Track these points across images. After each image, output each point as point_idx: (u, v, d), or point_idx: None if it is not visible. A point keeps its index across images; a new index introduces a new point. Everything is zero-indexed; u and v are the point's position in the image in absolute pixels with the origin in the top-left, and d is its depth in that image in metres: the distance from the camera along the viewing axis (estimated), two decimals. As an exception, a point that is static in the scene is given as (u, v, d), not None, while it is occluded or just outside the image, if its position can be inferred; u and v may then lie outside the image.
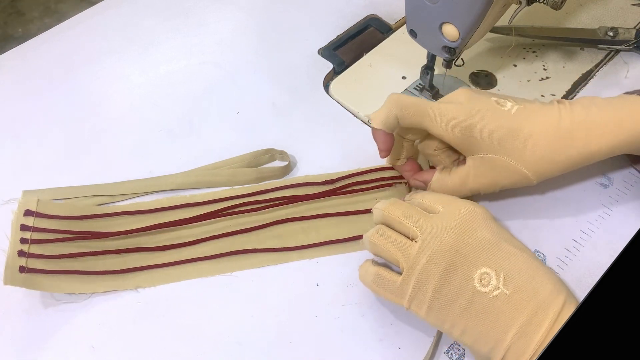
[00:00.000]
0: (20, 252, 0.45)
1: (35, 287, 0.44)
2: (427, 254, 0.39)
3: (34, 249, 0.45)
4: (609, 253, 0.46)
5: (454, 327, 0.39)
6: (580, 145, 0.43)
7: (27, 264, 0.44)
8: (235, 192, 0.51)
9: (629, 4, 0.63)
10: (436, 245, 0.39)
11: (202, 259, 0.47)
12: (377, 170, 0.51)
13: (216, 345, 0.43)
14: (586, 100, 0.45)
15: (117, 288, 0.46)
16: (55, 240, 0.46)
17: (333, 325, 0.44)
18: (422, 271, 0.39)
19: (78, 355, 0.43)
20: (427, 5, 0.46)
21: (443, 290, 0.39)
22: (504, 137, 0.43)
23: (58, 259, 0.46)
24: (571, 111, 0.44)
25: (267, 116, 0.56)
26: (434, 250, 0.39)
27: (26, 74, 0.60)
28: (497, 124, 0.43)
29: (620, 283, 0.33)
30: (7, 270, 0.44)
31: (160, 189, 0.51)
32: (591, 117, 0.43)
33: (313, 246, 0.48)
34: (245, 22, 0.64)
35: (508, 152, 0.44)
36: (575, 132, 0.43)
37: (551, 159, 0.44)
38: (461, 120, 0.43)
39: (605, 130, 0.43)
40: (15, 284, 0.43)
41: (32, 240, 0.46)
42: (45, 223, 0.47)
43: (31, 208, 0.48)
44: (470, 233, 0.40)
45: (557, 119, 0.44)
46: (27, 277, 0.44)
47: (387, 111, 0.45)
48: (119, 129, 0.56)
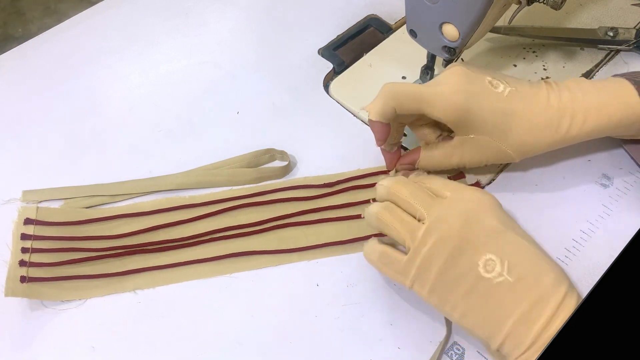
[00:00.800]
0: (22, 261, 0.45)
1: (35, 297, 0.44)
2: (434, 237, 0.39)
3: (35, 257, 0.46)
4: (609, 253, 0.46)
5: (454, 309, 0.39)
6: (564, 128, 0.45)
7: (27, 273, 0.45)
8: (234, 194, 0.50)
9: (629, 4, 0.63)
10: (444, 229, 0.39)
11: (201, 261, 0.47)
12: (377, 174, 0.51)
13: (216, 345, 0.43)
14: (573, 84, 0.47)
15: (117, 291, 0.46)
16: (56, 250, 0.46)
17: (333, 325, 0.44)
18: (427, 253, 0.39)
19: (78, 355, 0.43)
20: (427, 5, 0.46)
21: (447, 273, 0.39)
22: (496, 119, 0.45)
23: (58, 266, 0.46)
24: (559, 95, 0.46)
25: (267, 116, 0.56)
26: (441, 234, 0.39)
27: (26, 74, 0.60)
28: (491, 108, 0.45)
29: (620, 283, 0.33)
30: (8, 281, 0.44)
31: (160, 189, 0.51)
32: (577, 101, 0.45)
33: (313, 248, 0.48)
34: (245, 22, 0.64)
35: (494, 134, 0.45)
36: (561, 116, 0.45)
37: (534, 141, 0.46)
38: (459, 104, 0.44)
39: (589, 114, 0.45)
40: (16, 295, 0.43)
41: (33, 249, 0.46)
42: (45, 230, 0.47)
43: (31, 216, 0.48)
44: (479, 220, 0.40)
45: (545, 103, 0.45)
46: (27, 287, 0.44)
47: (384, 102, 0.45)
48: (119, 129, 0.55)
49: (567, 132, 0.45)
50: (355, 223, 0.49)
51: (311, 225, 0.49)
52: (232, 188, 0.51)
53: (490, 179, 0.51)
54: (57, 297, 0.45)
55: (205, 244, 0.48)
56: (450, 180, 0.45)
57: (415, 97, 0.45)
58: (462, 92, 0.44)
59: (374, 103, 0.46)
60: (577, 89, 0.46)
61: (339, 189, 0.51)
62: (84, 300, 0.46)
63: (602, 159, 0.52)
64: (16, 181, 0.51)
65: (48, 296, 0.45)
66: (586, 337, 0.31)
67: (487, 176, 0.51)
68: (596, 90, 0.46)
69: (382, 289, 0.46)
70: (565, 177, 0.51)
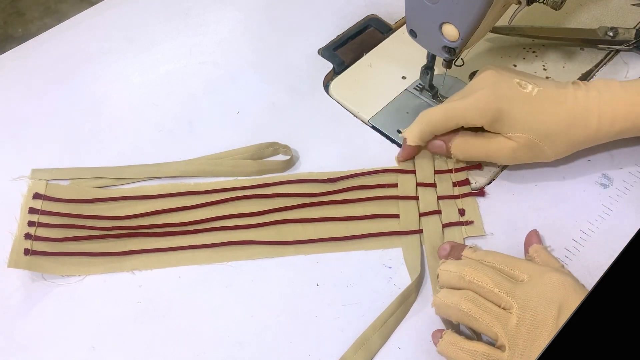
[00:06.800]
0: (27, 234, 0.46)
1: (37, 270, 0.46)
2: (526, 327, 0.38)
3: (40, 231, 0.47)
4: (609, 253, 0.46)
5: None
6: (593, 126, 0.46)
7: (32, 247, 0.46)
8: (239, 183, 0.51)
9: (629, 4, 0.63)
10: (539, 319, 0.38)
11: (199, 247, 0.48)
12: (380, 172, 0.51)
13: (216, 345, 0.43)
14: (601, 83, 0.48)
15: (115, 270, 0.47)
16: (61, 226, 0.47)
17: (333, 325, 0.44)
18: (525, 345, 0.38)
19: (78, 355, 0.43)
20: (427, 5, 0.46)
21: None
22: (527, 117, 0.46)
23: (62, 242, 0.47)
24: (586, 94, 0.47)
25: (267, 116, 0.56)
26: (531, 322, 0.38)
27: (26, 74, 0.60)
28: (521, 107, 0.47)
29: (620, 283, 0.33)
30: (12, 253, 0.45)
31: (164, 175, 0.52)
32: (604, 100, 0.46)
33: (310, 242, 0.48)
34: (245, 22, 0.64)
35: (531, 132, 0.46)
36: (589, 114, 0.46)
37: (565, 138, 0.47)
38: (491, 107, 0.46)
39: (617, 113, 0.46)
40: (18, 267, 0.45)
41: (39, 224, 0.47)
42: (53, 206, 0.49)
43: (40, 191, 0.49)
44: (570, 308, 0.38)
45: (572, 102, 0.47)
46: (30, 259, 0.45)
47: (420, 128, 0.49)
48: (119, 129, 0.56)
49: (598, 129, 0.46)
50: (354, 224, 0.49)
51: (311, 222, 0.49)
52: (236, 178, 0.52)
53: (490, 179, 0.51)
54: (58, 272, 0.46)
55: (204, 232, 0.48)
56: (515, 258, 0.43)
57: (449, 117, 0.48)
58: (492, 95, 0.47)
59: (411, 129, 0.49)
60: (604, 89, 0.47)
61: (342, 187, 0.51)
62: (83, 276, 0.46)
63: (602, 159, 0.52)
64: (16, 181, 0.51)
65: (49, 270, 0.46)
66: (586, 337, 0.31)
67: (488, 176, 0.51)
68: (624, 90, 0.47)
69: (382, 289, 0.46)
70: (565, 177, 0.51)
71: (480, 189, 0.50)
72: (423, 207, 0.49)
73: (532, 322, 0.38)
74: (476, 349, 0.39)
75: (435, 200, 0.50)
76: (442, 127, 0.49)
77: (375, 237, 0.48)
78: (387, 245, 0.48)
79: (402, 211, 0.49)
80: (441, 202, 0.50)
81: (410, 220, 0.49)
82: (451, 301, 0.40)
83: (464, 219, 0.49)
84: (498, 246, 0.47)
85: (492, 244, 0.48)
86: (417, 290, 0.45)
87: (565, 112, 0.46)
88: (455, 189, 0.50)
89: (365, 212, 0.49)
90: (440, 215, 0.49)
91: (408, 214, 0.49)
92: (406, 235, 0.48)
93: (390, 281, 0.46)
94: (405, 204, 0.50)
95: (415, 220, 0.49)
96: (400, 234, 0.48)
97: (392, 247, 0.48)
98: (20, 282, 0.46)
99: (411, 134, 0.49)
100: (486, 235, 0.48)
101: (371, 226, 0.48)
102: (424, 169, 0.51)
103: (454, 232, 0.48)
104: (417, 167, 0.51)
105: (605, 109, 0.46)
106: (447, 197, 0.50)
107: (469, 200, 0.50)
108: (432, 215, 0.49)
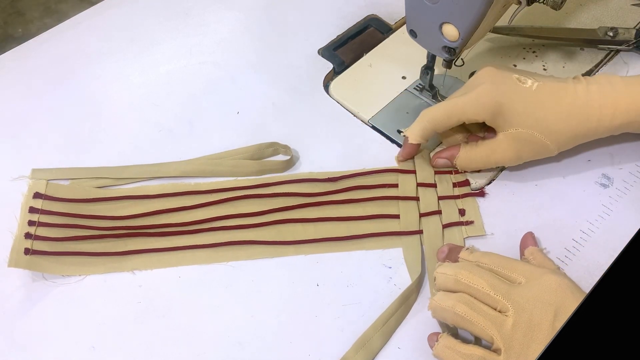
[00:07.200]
0: (27, 234, 0.46)
1: (37, 269, 0.46)
2: (522, 330, 0.38)
3: (41, 231, 0.47)
4: (609, 253, 0.46)
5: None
6: (595, 119, 0.47)
7: (32, 246, 0.46)
8: (239, 183, 0.51)
9: (629, 4, 0.63)
10: (535, 322, 0.38)
11: (200, 247, 0.48)
12: (381, 172, 0.51)
13: (216, 345, 0.43)
14: (602, 78, 0.48)
15: (115, 270, 0.47)
16: (61, 226, 0.47)
17: (333, 325, 0.44)
18: (520, 348, 0.38)
19: (78, 355, 0.43)
20: (427, 5, 0.46)
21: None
22: (528, 110, 0.47)
23: (62, 242, 0.47)
24: (587, 89, 0.47)
25: (267, 116, 0.56)
26: (527, 325, 0.38)
27: (26, 74, 0.60)
28: (522, 100, 0.47)
29: (620, 283, 0.33)
30: (12, 252, 0.45)
31: (164, 175, 0.52)
32: (605, 93, 0.47)
33: (310, 242, 0.48)
34: (245, 22, 0.64)
35: (532, 126, 0.47)
36: (590, 107, 0.46)
37: (568, 130, 0.47)
38: (491, 101, 0.47)
39: (618, 107, 0.46)
40: (18, 266, 0.45)
41: (40, 223, 0.47)
42: (53, 206, 0.49)
43: (40, 191, 0.49)
44: (568, 311, 0.38)
45: (572, 95, 0.47)
46: (30, 259, 0.45)
47: (422, 126, 0.49)
48: (119, 129, 0.56)
49: (599, 123, 0.46)
50: (354, 224, 0.49)
51: (311, 222, 0.49)
52: (236, 178, 0.52)
53: (490, 179, 0.51)
54: (58, 272, 0.46)
55: (205, 232, 0.48)
56: (512, 259, 0.43)
57: (450, 113, 0.48)
58: (492, 89, 0.47)
59: (413, 127, 0.49)
60: (605, 83, 0.47)
61: (342, 187, 0.51)
62: (84, 276, 0.46)
63: (602, 159, 0.52)
64: (16, 181, 0.51)
65: (49, 269, 0.46)
66: (586, 337, 0.31)
67: (488, 176, 0.51)
68: (625, 84, 0.47)
69: (382, 289, 0.46)
70: (565, 177, 0.51)
71: (480, 189, 0.50)
72: (423, 207, 0.49)
73: (528, 325, 0.38)
74: (472, 353, 0.39)
75: (435, 200, 0.50)
76: (444, 124, 0.49)
77: (376, 237, 0.48)
78: (387, 245, 0.48)
79: (402, 211, 0.49)
80: (441, 202, 0.50)
81: (411, 221, 0.49)
82: (447, 304, 0.40)
83: (464, 219, 0.49)
84: (498, 246, 0.47)
85: (492, 244, 0.48)
86: (417, 290, 0.45)
87: (565, 105, 0.47)
88: (456, 189, 0.50)
89: (365, 212, 0.49)
90: (440, 215, 0.49)
91: (408, 215, 0.49)
92: (406, 235, 0.48)
93: (390, 281, 0.46)
94: (406, 204, 0.50)
95: (416, 221, 0.49)
96: (401, 234, 0.48)
97: (392, 247, 0.48)
98: (21, 282, 0.46)
99: (413, 132, 0.49)
100: (486, 235, 0.48)
101: (371, 226, 0.48)
102: (424, 169, 0.51)
103: (454, 232, 0.48)
104: (417, 167, 0.51)
105: (606, 102, 0.46)
106: (447, 198, 0.50)
107: (469, 200, 0.50)
108: (433, 216, 0.49)
